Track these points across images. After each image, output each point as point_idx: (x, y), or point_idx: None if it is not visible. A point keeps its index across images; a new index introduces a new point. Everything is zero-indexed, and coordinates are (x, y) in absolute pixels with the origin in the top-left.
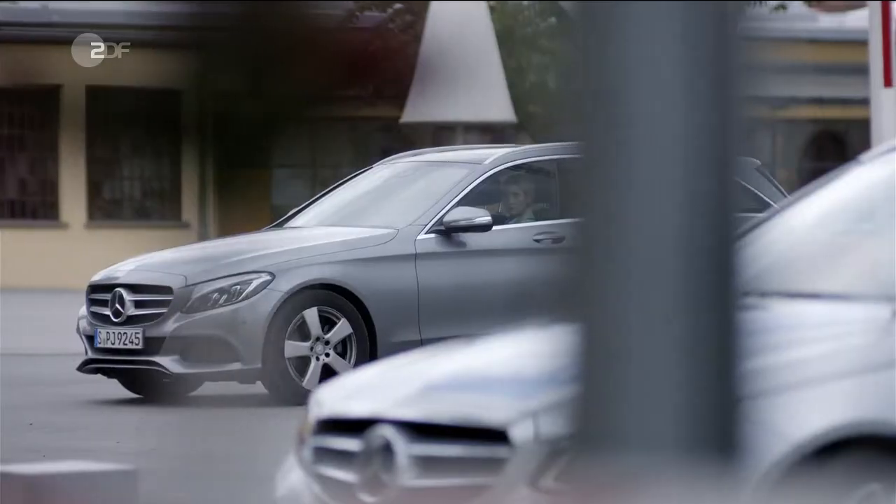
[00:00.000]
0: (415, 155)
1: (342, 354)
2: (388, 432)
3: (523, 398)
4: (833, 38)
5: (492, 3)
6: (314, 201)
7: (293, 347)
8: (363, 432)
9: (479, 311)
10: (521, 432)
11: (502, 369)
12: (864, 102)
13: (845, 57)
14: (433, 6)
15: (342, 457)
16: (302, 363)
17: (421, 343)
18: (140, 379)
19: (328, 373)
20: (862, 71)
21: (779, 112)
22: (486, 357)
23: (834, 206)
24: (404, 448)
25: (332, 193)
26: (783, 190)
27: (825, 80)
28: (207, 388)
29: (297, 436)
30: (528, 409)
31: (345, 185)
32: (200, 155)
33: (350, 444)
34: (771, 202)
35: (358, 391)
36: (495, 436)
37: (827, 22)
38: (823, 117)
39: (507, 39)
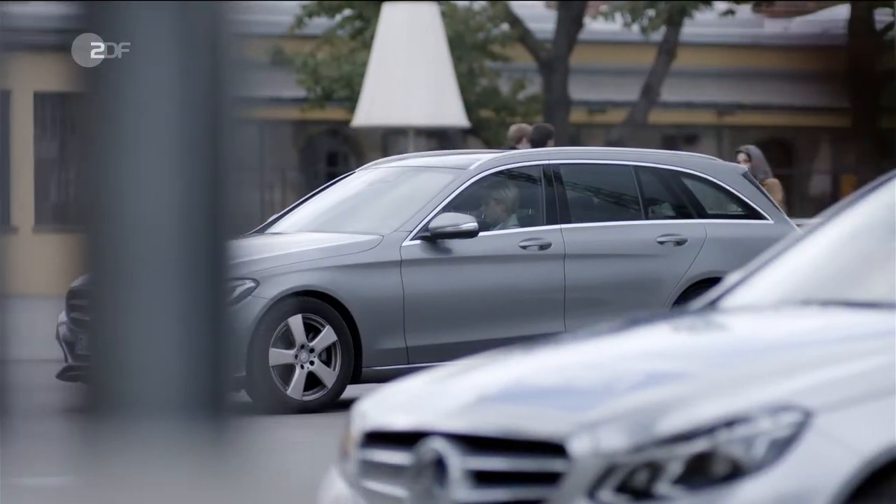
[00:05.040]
0: (398, 159)
1: (327, 362)
2: (439, 445)
3: (580, 410)
4: (779, 44)
5: (443, 7)
6: (294, 207)
7: (277, 355)
8: (412, 445)
9: (465, 318)
10: (579, 445)
11: (554, 380)
12: (811, 109)
13: (792, 63)
14: (385, 11)
15: (390, 471)
16: (286, 371)
17: (406, 351)
18: None
19: (312, 381)
20: (808, 77)
21: (725, 118)
22: (535, 367)
23: (885, 214)
24: (457, 462)
25: (313, 199)
26: (769, 196)
27: (771, 86)
28: None
29: (339, 448)
30: (586, 422)
31: (326, 191)
32: None
33: (398, 457)
34: (758, 208)
35: (404, 403)
36: (552, 449)
37: (773, 28)
38: (770, 124)
39: (459, 44)
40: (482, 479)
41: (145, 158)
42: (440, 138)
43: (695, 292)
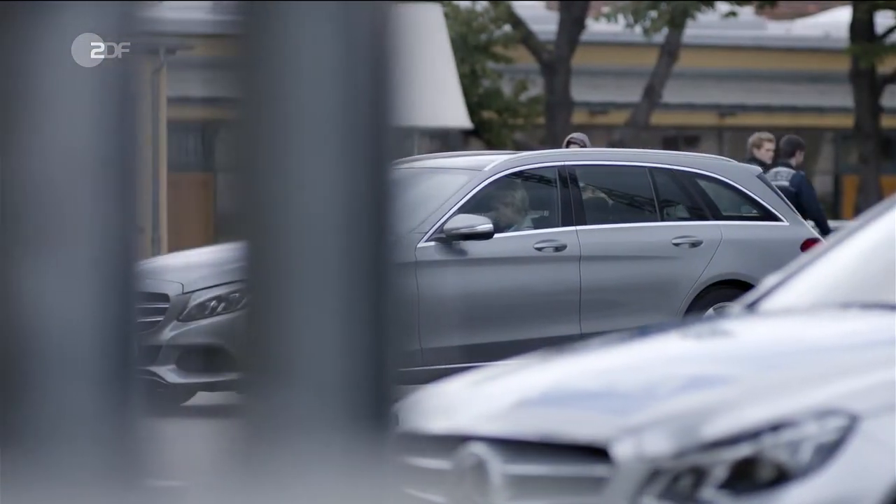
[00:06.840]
0: (413, 160)
1: None
2: (480, 450)
3: (623, 414)
4: (781, 46)
5: (446, 8)
6: None
7: None
8: (450, 451)
9: (480, 320)
10: (622, 450)
11: (596, 384)
12: (813, 110)
13: (793, 65)
14: None
15: (428, 476)
16: None
17: (421, 353)
18: None
19: None
20: (809, 78)
21: (727, 119)
22: (575, 371)
23: None
24: (498, 467)
25: None
26: (783, 197)
27: (773, 87)
28: (200, 398)
29: None
30: (630, 426)
31: None
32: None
33: (437, 462)
34: (773, 209)
35: (441, 407)
36: (594, 453)
37: (775, 30)
38: (772, 125)
39: (462, 46)
40: (525, 485)
41: (307, 160)
42: (442, 139)
43: (710, 294)
